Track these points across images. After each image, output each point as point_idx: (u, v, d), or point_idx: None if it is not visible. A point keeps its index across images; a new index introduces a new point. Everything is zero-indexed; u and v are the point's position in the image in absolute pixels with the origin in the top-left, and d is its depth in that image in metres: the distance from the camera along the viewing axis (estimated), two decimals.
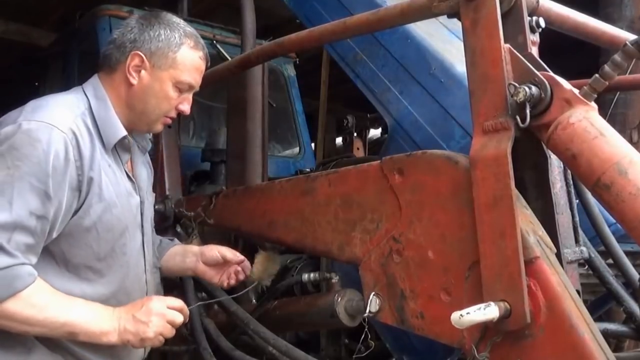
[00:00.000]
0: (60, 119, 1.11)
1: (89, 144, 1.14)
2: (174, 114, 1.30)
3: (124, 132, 1.22)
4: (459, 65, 1.45)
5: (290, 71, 3.46)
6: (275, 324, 1.53)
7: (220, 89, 2.72)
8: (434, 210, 1.06)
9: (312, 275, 1.59)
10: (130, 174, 1.28)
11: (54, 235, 1.10)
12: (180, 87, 1.26)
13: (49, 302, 1.07)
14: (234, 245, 1.98)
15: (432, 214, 1.06)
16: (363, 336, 1.25)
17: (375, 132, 3.55)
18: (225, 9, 3.63)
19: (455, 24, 1.07)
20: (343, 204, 1.25)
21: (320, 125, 2.90)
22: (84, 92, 1.23)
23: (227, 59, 2.75)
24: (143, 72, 1.22)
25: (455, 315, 0.87)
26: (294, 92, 3.44)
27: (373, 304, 1.16)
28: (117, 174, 1.22)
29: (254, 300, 1.77)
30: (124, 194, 1.23)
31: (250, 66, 1.62)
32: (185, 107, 1.30)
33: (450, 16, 1.05)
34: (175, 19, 1.28)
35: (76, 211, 1.12)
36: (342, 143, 2.94)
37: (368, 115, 3.17)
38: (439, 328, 1.05)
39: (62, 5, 4.09)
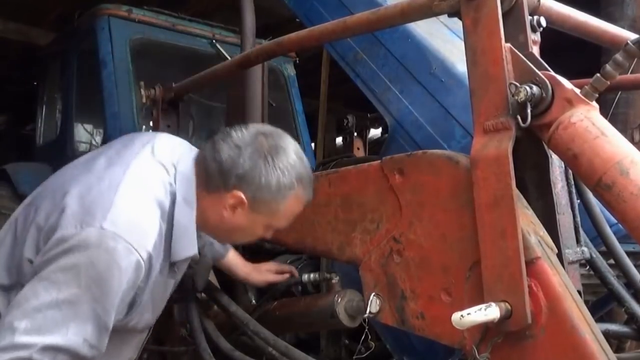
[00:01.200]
0: (144, 239, 1.02)
1: (158, 264, 1.07)
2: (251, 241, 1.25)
3: (194, 251, 1.13)
4: (460, 64, 1.45)
5: (290, 71, 3.46)
6: (275, 324, 1.53)
7: (219, 88, 2.72)
8: (434, 211, 1.05)
9: (312, 275, 1.59)
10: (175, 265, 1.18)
11: None
12: (270, 228, 1.19)
13: None
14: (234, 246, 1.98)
15: (432, 214, 1.06)
16: (363, 337, 1.25)
17: (375, 132, 3.54)
18: (225, 8, 3.63)
19: (456, 23, 1.06)
20: (343, 204, 1.25)
21: (320, 125, 2.89)
22: (175, 183, 1.11)
23: (227, 59, 2.75)
24: (239, 209, 1.11)
25: (455, 316, 0.87)
26: (293, 91, 3.44)
27: (373, 304, 1.16)
28: (165, 277, 1.15)
29: (254, 301, 1.76)
30: (164, 290, 1.18)
31: (250, 66, 1.62)
32: (267, 235, 1.23)
33: (450, 15, 1.04)
34: (295, 155, 1.12)
35: (118, 318, 1.06)
36: (342, 143, 2.94)
37: (368, 115, 3.16)
38: (440, 329, 1.04)
39: (61, 4, 4.08)
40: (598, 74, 0.92)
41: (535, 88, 0.91)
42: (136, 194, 1.06)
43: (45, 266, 0.98)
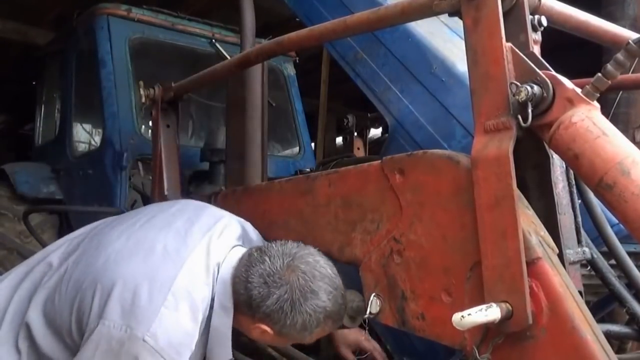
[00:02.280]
0: (179, 356, 1.08)
1: None
2: None
3: (229, 357, 1.19)
4: (460, 64, 1.44)
5: (290, 70, 3.46)
6: None
7: (219, 88, 2.71)
8: (435, 211, 1.05)
9: None
10: None
11: None
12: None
13: None
14: None
15: (433, 215, 1.05)
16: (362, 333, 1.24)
17: (375, 132, 3.54)
18: (225, 7, 3.62)
19: (457, 23, 1.06)
20: (343, 204, 1.25)
21: (321, 125, 2.89)
22: (215, 287, 1.16)
23: (227, 58, 2.74)
24: (267, 334, 1.16)
25: (456, 317, 0.87)
26: (293, 91, 3.43)
27: (373, 305, 1.15)
28: None
29: None
30: None
31: (250, 65, 1.61)
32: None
33: (451, 14, 1.04)
34: (326, 295, 1.12)
35: None
36: (342, 143, 2.93)
37: (368, 114, 3.16)
38: (440, 329, 1.04)
39: (60, 3, 4.07)
40: (599, 74, 0.91)
41: (536, 88, 0.91)
42: (181, 305, 1.10)
43: None
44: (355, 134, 2.73)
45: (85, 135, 3.38)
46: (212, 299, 1.15)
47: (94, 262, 1.18)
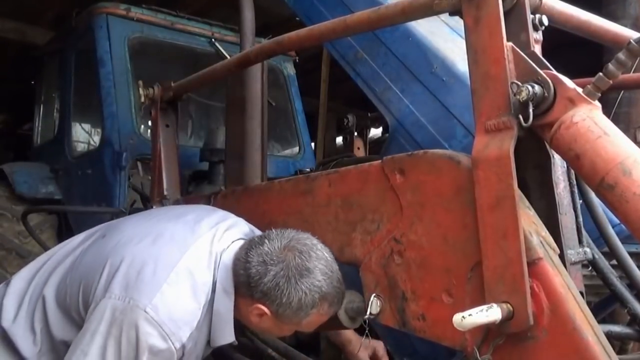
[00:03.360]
0: (179, 331, 1.12)
1: (193, 346, 1.16)
2: None
3: (232, 339, 1.22)
4: (461, 63, 1.44)
5: (289, 70, 3.45)
6: None
7: (219, 87, 2.71)
8: (435, 211, 1.05)
9: None
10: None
11: None
12: (298, 330, 1.25)
13: None
14: None
15: (433, 215, 1.05)
16: (364, 338, 1.24)
17: (376, 132, 3.53)
18: (224, 6, 3.62)
19: (457, 22, 1.06)
20: (343, 205, 1.24)
21: (321, 125, 2.89)
22: (218, 272, 1.19)
23: (226, 57, 2.74)
24: (265, 317, 1.17)
25: (457, 317, 0.86)
26: (293, 90, 3.43)
27: (374, 305, 1.15)
28: (203, 350, 1.23)
29: None
30: (199, 357, 1.24)
31: (250, 65, 1.61)
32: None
33: (452, 14, 1.04)
34: (321, 275, 1.14)
35: None
36: (342, 142, 2.93)
37: (369, 114, 3.16)
38: (441, 330, 1.04)
39: (59, 3, 4.07)
40: (600, 73, 0.91)
41: (537, 87, 0.90)
42: (183, 284, 1.15)
43: (93, 337, 1.11)
44: (356, 133, 2.72)
45: (84, 135, 3.38)
46: (215, 284, 1.19)
47: (105, 246, 1.26)
